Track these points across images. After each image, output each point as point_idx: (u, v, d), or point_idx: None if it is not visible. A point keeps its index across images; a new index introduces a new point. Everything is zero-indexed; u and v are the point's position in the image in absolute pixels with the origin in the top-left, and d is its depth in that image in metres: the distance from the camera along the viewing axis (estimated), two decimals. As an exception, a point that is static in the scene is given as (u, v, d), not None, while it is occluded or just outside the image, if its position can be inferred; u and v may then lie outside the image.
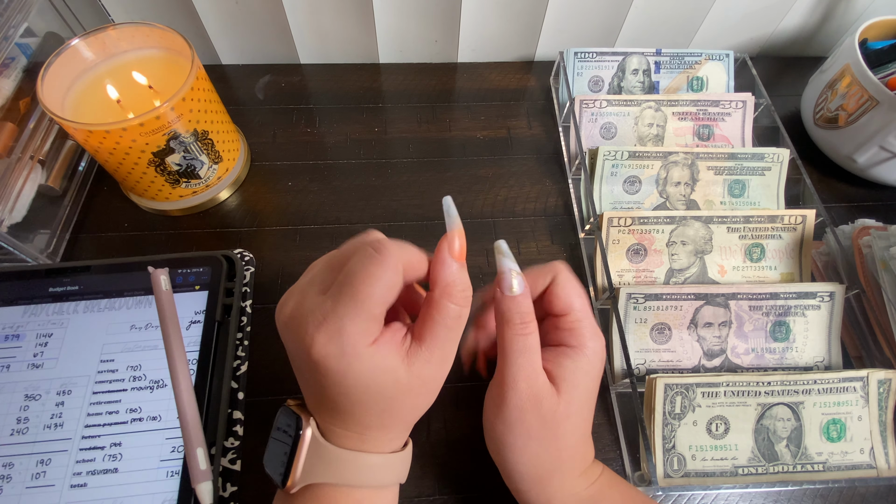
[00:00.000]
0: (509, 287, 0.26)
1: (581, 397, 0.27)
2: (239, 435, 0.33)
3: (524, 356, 0.26)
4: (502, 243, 0.28)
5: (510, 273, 0.27)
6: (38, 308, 0.36)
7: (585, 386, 0.27)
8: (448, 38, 0.53)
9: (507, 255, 0.27)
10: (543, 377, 0.26)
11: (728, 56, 0.50)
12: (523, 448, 0.27)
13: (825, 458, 0.33)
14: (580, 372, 0.27)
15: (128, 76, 0.38)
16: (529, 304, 0.27)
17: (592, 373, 0.28)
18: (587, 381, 0.27)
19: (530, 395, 0.26)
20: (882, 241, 0.37)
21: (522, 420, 0.26)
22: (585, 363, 0.27)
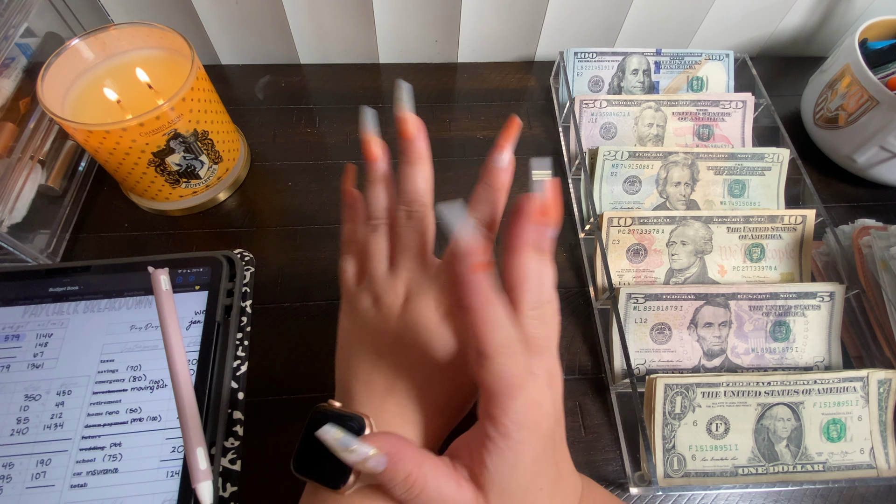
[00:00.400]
0: (372, 473, 0.20)
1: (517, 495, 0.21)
2: (239, 435, 0.33)
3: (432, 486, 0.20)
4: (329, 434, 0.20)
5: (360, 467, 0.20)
6: (38, 308, 0.36)
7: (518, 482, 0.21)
8: (448, 38, 0.53)
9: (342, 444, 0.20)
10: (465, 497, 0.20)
11: (728, 56, 0.50)
12: None
13: (825, 458, 0.33)
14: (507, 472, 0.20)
15: (128, 76, 0.38)
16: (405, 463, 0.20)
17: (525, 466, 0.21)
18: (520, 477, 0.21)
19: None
20: (882, 241, 0.37)
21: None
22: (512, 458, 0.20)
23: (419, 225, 0.26)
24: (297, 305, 0.39)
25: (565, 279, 0.42)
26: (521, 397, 0.20)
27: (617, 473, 0.34)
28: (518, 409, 0.20)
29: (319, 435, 0.20)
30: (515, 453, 0.20)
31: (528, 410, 0.20)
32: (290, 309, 0.39)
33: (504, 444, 0.20)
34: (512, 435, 0.20)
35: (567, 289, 0.41)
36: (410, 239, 0.26)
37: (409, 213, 0.26)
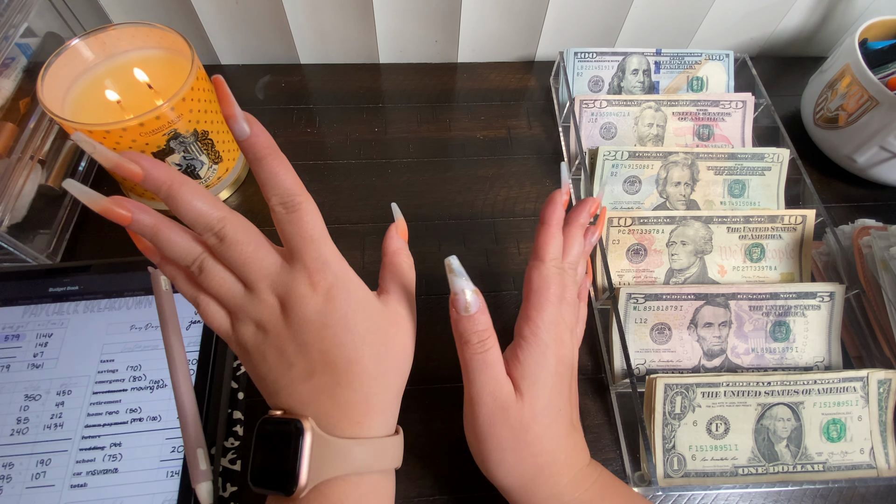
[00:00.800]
0: (465, 307, 0.26)
1: (543, 394, 0.27)
2: (239, 435, 0.33)
3: (485, 372, 0.26)
4: (453, 260, 0.26)
5: (464, 293, 0.25)
6: (38, 308, 0.36)
7: (544, 381, 0.27)
8: (448, 38, 0.53)
9: (460, 273, 0.26)
10: (508, 387, 0.26)
11: (728, 56, 0.50)
12: (500, 461, 0.27)
13: (825, 458, 0.33)
14: (536, 366, 0.27)
15: (128, 76, 0.38)
16: (486, 320, 0.26)
17: (548, 365, 0.27)
18: (545, 376, 0.27)
19: (496, 408, 0.26)
20: (882, 241, 0.37)
21: (493, 433, 0.26)
22: (539, 355, 0.27)
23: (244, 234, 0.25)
24: (297, 305, 0.39)
25: (565, 279, 0.42)
26: (554, 308, 0.27)
27: (617, 473, 0.34)
28: (550, 315, 0.27)
29: (447, 261, 0.26)
30: (542, 351, 0.27)
31: (557, 324, 0.27)
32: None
33: (534, 342, 0.27)
34: (541, 334, 0.27)
35: (567, 289, 0.41)
36: (240, 251, 0.24)
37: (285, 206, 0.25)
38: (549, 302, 0.27)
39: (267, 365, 0.25)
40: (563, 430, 0.28)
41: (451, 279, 0.26)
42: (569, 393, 0.29)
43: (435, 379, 0.37)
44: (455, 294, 0.26)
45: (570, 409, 0.29)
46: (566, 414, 0.28)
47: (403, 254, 0.29)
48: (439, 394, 0.36)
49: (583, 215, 0.31)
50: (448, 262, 0.26)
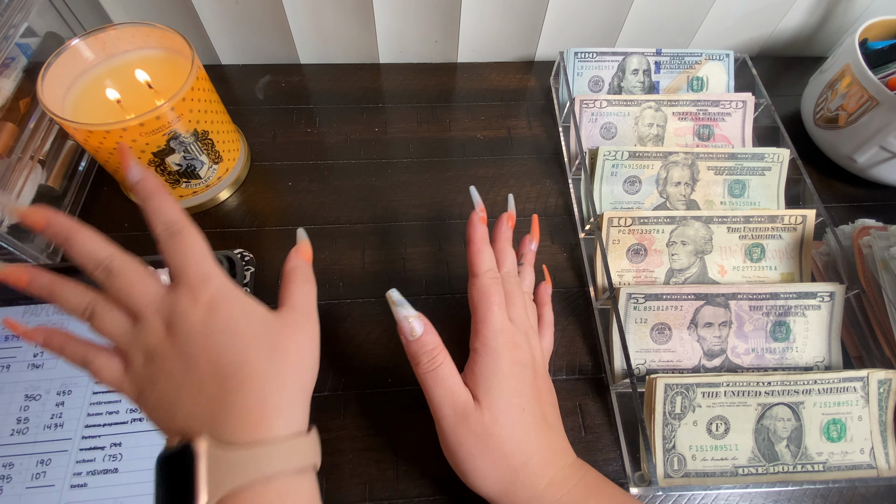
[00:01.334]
0: (411, 332, 0.28)
1: (501, 397, 0.28)
2: (239, 435, 0.33)
3: (441, 386, 0.28)
4: (394, 293, 0.29)
5: (407, 320, 0.28)
6: (38, 308, 0.36)
7: (499, 384, 0.28)
8: (448, 38, 0.53)
9: (401, 303, 0.29)
10: (465, 395, 0.28)
11: (728, 56, 0.50)
12: (474, 468, 0.27)
13: (825, 458, 0.33)
14: (488, 373, 0.28)
15: (128, 76, 0.38)
16: (433, 339, 0.28)
17: (501, 369, 0.28)
18: (499, 379, 0.28)
19: (458, 418, 0.27)
20: (882, 241, 0.37)
21: (461, 443, 0.27)
22: (490, 362, 0.28)
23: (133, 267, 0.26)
24: (298, 305, 0.39)
25: (565, 279, 0.42)
26: (498, 316, 0.29)
27: (617, 473, 0.34)
28: (495, 323, 0.29)
29: (388, 295, 0.29)
30: (493, 358, 0.28)
31: (504, 330, 0.29)
32: (291, 309, 0.39)
33: (484, 352, 0.28)
34: (489, 343, 0.29)
35: (567, 289, 0.41)
36: (126, 279, 0.25)
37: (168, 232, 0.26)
38: (492, 311, 0.29)
39: (157, 393, 0.24)
40: (531, 428, 0.28)
41: (395, 310, 0.29)
42: (534, 392, 0.29)
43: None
44: (400, 322, 0.28)
45: (539, 407, 0.29)
46: (532, 412, 0.28)
47: (299, 270, 0.29)
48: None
49: (502, 229, 0.34)
50: (389, 295, 0.29)
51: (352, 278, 0.41)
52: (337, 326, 0.39)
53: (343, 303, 0.40)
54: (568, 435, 0.35)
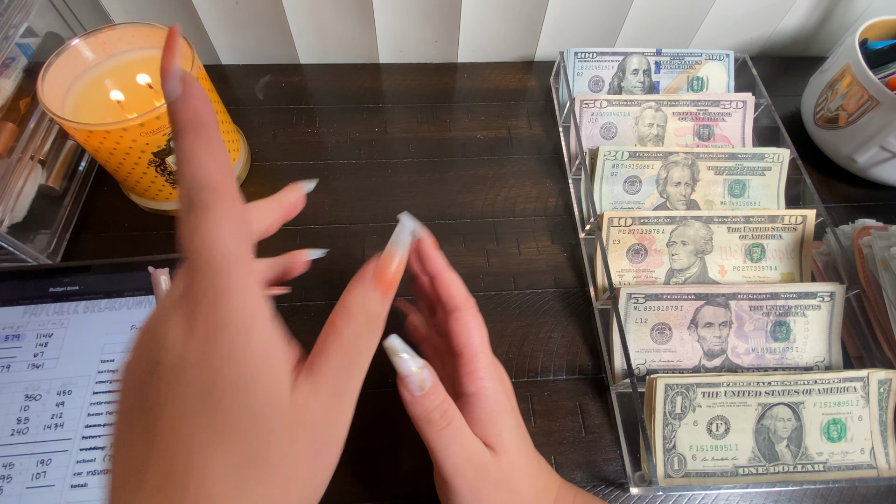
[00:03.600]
0: (419, 387, 0.24)
1: (512, 437, 0.26)
2: (239, 435, 0.33)
3: (457, 442, 0.24)
4: (395, 341, 0.23)
5: (413, 376, 0.23)
6: (38, 308, 0.36)
7: (507, 423, 0.26)
8: (448, 38, 0.53)
9: (404, 350, 0.24)
10: (480, 446, 0.25)
11: (728, 56, 0.50)
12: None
13: (825, 458, 0.33)
14: (496, 416, 0.26)
15: (128, 76, 0.38)
16: (441, 390, 0.24)
17: (504, 408, 0.26)
18: (506, 419, 0.26)
19: (477, 473, 0.25)
20: (882, 241, 0.37)
21: (480, 498, 0.25)
22: (494, 403, 0.26)
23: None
24: (298, 305, 0.39)
25: (565, 279, 0.42)
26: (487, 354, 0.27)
27: (617, 473, 0.34)
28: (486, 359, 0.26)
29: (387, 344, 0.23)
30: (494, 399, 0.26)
31: (494, 363, 0.27)
32: (290, 309, 0.39)
33: (484, 395, 0.26)
34: (486, 384, 0.26)
35: (567, 289, 0.41)
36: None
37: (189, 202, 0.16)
38: (484, 346, 0.27)
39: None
40: (532, 458, 0.28)
41: (397, 362, 0.23)
42: (521, 419, 0.28)
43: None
44: (406, 377, 0.23)
45: (527, 433, 0.28)
46: (528, 439, 0.28)
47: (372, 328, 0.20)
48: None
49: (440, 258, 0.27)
50: (388, 344, 0.23)
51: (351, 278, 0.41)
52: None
53: (343, 303, 0.40)
54: (568, 435, 0.35)
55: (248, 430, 0.16)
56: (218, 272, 0.16)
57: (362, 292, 0.20)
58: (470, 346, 0.26)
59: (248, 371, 0.16)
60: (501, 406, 0.26)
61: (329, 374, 0.18)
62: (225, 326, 0.16)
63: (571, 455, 0.35)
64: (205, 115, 0.17)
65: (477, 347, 0.26)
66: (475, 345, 0.26)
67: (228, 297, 0.16)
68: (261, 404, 0.16)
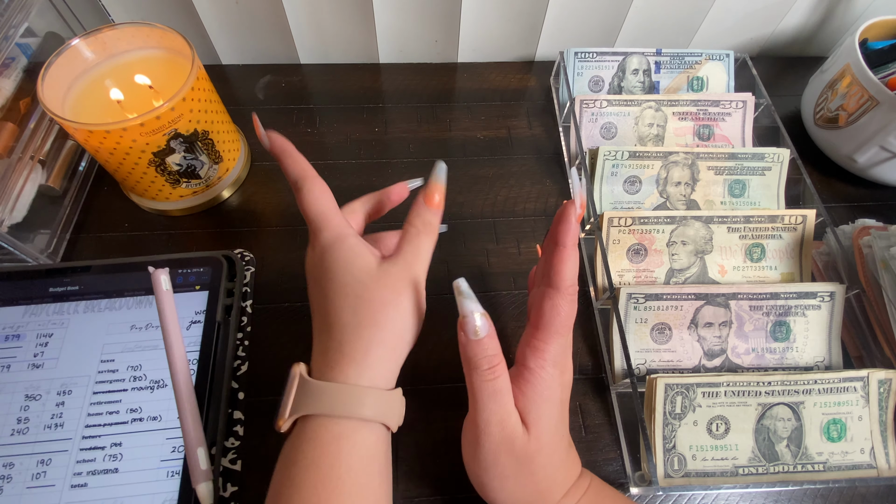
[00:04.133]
0: (473, 331, 0.25)
1: (549, 426, 0.26)
2: (239, 435, 0.33)
3: (495, 401, 0.25)
4: (462, 283, 0.26)
5: (473, 316, 0.25)
6: (38, 308, 0.36)
7: (549, 413, 0.26)
8: (448, 38, 0.53)
9: (469, 295, 0.25)
10: (515, 417, 0.26)
11: (728, 56, 0.50)
12: (500, 488, 0.27)
13: (825, 458, 0.33)
14: (542, 399, 0.26)
15: (128, 76, 0.38)
16: (496, 345, 0.26)
17: (554, 397, 0.27)
18: (550, 408, 0.26)
19: (503, 439, 0.26)
20: (882, 241, 0.37)
21: (497, 462, 0.26)
22: (545, 388, 0.26)
23: None
24: (298, 305, 0.39)
25: (565, 279, 0.42)
26: (563, 339, 0.27)
27: (617, 473, 0.34)
28: (559, 346, 0.27)
29: (455, 284, 0.26)
30: (548, 385, 0.26)
31: (563, 353, 0.27)
32: (291, 309, 0.39)
33: (541, 375, 0.26)
34: (548, 368, 0.26)
35: (567, 289, 0.41)
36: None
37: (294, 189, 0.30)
38: (560, 334, 0.27)
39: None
40: (562, 453, 0.28)
41: (461, 301, 0.26)
42: (567, 418, 0.29)
43: (434, 379, 0.37)
44: (464, 317, 0.25)
45: (566, 428, 0.29)
46: (565, 436, 0.28)
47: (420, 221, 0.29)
48: (439, 394, 0.36)
49: (574, 231, 0.27)
50: (457, 284, 0.26)
51: (352, 278, 0.41)
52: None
53: (343, 303, 0.40)
54: (568, 435, 0.36)
55: (354, 285, 0.27)
56: (316, 218, 0.29)
57: (417, 208, 0.30)
58: (550, 326, 0.26)
59: (347, 259, 0.27)
60: (552, 394, 0.27)
61: (401, 254, 0.28)
62: (326, 243, 0.28)
63: (571, 455, 0.35)
64: (285, 147, 0.30)
65: (555, 330, 0.26)
66: (555, 327, 0.26)
67: (324, 229, 0.28)
68: (358, 272, 0.27)
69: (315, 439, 0.24)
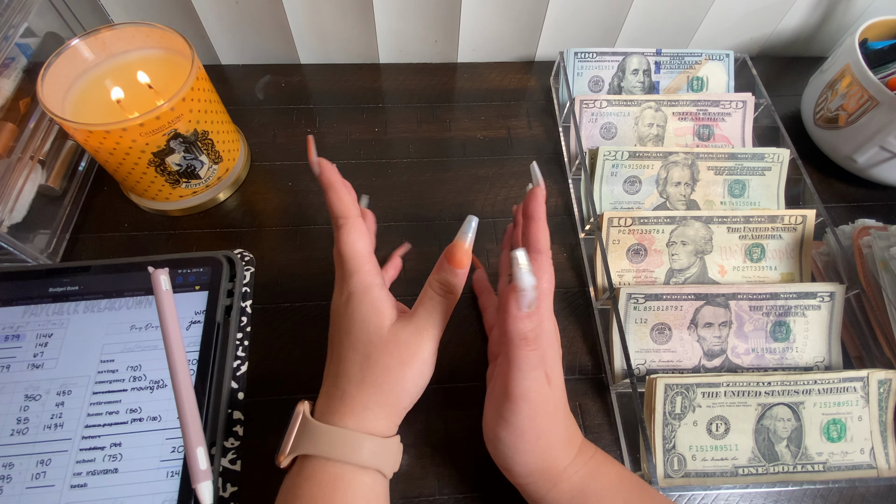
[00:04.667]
0: (528, 305, 0.24)
1: (560, 375, 0.28)
2: (239, 435, 0.33)
3: (537, 369, 0.26)
4: (521, 254, 0.24)
5: (529, 291, 0.24)
6: (38, 308, 0.36)
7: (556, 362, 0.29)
8: (448, 38, 0.53)
9: (527, 268, 0.24)
10: (545, 378, 0.27)
11: (728, 56, 0.50)
12: (532, 450, 0.27)
13: (825, 458, 0.33)
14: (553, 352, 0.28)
15: (128, 76, 0.38)
16: (540, 317, 0.26)
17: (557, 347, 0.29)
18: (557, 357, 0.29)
19: (539, 401, 0.26)
20: (882, 241, 0.37)
21: (533, 426, 0.27)
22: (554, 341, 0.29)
23: None
24: (297, 305, 0.39)
25: (565, 279, 0.42)
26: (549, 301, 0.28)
27: (617, 473, 0.34)
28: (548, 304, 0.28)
29: (514, 254, 0.25)
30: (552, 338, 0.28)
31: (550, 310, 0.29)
32: (290, 309, 0.39)
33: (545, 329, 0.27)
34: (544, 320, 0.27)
35: (567, 289, 0.41)
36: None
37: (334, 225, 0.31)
38: (547, 292, 0.29)
39: None
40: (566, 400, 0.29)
41: (517, 273, 0.24)
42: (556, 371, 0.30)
43: (434, 380, 0.36)
44: (521, 290, 0.24)
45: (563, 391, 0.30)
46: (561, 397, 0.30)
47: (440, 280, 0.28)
48: (439, 394, 0.36)
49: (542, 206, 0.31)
50: (514, 255, 0.24)
51: (352, 278, 0.41)
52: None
53: (343, 303, 0.40)
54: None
55: (365, 343, 0.28)
56: (349, 261, 0.29)
57: (439, 267, 0.29)
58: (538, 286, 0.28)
59: (365, 315, 0.28)
60: (556, 344, 0.29)
61: (414, 319, 0.28)
62: (353, 291, 0.29)
63: (571, 455, 0.35)
64: (333, 181, 0.31)
65: (544, 290, 0.28)
66: (542, 287, 0.28)
67: (355, 274, 0.29)
68: (371, 332, 0.28)
69: (313, 478, 0.26)
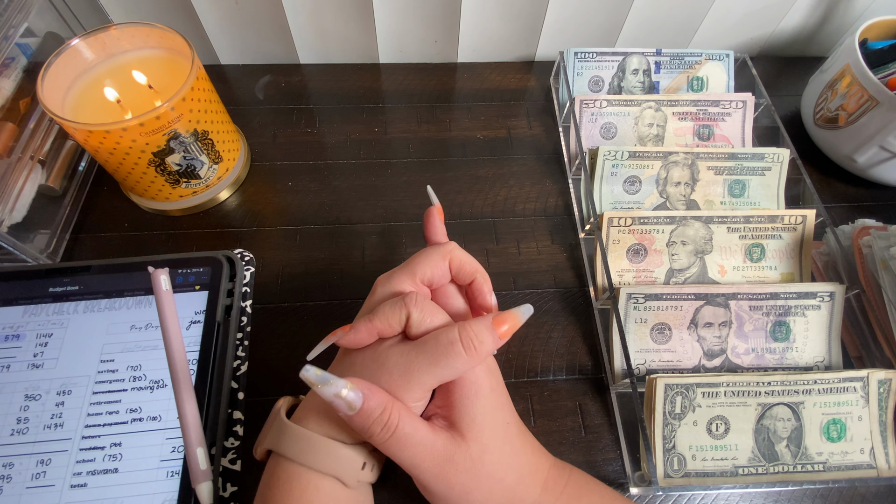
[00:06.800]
0: (349, 409, 0.23)
1: (485, 424, 0.25)
2: (239, 435, 0.33)
3: (408, 447, 0.24)
4: (310, 372, 0.23)
5: (338, 400, 0.23)
6: (38, 308, 0.36)
7: (483, 409, 0.25)
8: (448, 38, 0.53)
9: (324, 380, 0.23)
10: (440, 439, 0.25)
11: (728, 56, 0.50)
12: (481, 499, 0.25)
13: (825, 458, 0.33)
14: (470, 400, 0.25)
15: (128, 76, 0.38)
16: (378, 400, 0.24)
17: (484, 391, 0.26)
18: (483, 403, 0.25)
19: (440, 465, 0.24)
20: (882, 241, 0.37)
21: (451, 486, 0.25)
22: (472, 388, 0.25)
23: None
24: (297, 305, 0.39)
25: (565, 279, 0.42)
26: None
27: (617, 473, 0.34)
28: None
29: (302, 374, 0.23)
30: (473, 382, 0.26)
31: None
32: (290, 309, 0.39)
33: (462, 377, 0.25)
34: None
35: (567, 289, 0.41)
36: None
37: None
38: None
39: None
40: (517, 441, 0.27)
41: (320, 390, 0.23)
42: (507, 399, 0.27)
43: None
44: (332, 402, 0.23)
45: (513, 413, 0.27)
46: (514, 422, 0.27)
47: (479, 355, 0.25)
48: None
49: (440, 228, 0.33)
50: (304, 375, 0.23)
51: (352, 278, 0.41)
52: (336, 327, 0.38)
53: (343, 303, 0.40)
54: (568, 435, 0.35)
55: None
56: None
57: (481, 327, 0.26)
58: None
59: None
60: (478, 389, 0.25)
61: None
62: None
63: (571, 455, 0.35)
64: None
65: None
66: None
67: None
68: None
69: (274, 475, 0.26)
